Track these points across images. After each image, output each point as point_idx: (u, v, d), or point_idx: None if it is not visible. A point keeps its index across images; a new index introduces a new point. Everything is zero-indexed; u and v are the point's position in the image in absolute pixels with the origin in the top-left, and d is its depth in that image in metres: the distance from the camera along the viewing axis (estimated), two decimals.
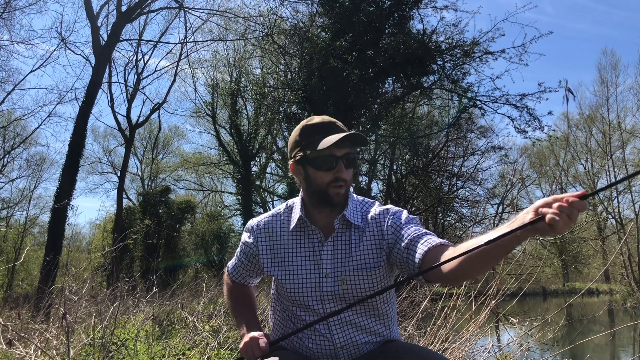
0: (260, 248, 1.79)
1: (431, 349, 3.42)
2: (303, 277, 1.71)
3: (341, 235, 1.71)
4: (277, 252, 1.76)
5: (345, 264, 1.68)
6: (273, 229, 1.79)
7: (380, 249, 1.68)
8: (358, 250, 1.68)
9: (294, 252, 1.74)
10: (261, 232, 1.80)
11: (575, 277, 35.43)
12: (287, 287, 1.72)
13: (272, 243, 1.77)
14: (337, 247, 1.70)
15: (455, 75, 14.48)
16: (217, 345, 3.59)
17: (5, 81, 18.55)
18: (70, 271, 6.15)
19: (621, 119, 28.70)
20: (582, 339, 3.71)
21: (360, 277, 1.67)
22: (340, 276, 1.67)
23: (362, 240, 1.69)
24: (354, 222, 1.70)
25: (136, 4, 14.96)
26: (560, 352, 3.53)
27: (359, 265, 1.67)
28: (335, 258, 1.69)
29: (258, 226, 1.81)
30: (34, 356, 3.14)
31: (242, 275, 1.90)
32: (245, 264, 1.86)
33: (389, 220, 1.69)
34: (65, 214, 12.63)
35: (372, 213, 1.74)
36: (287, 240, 1.76)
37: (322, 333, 1.69)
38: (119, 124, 19.54)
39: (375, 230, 1.70)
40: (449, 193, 23.34)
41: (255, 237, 1.80)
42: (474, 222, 16.95)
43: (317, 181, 1.67)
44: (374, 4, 13.61)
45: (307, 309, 1.70)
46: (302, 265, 1.72)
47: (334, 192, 1.65)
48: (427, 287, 5.01)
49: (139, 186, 31.84)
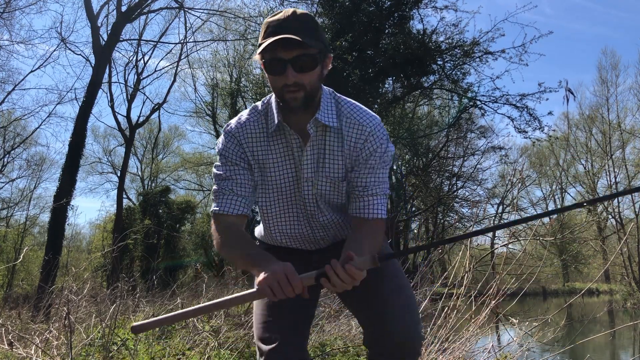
0: (247, 153, 1.68)
1: (430, 349, 3.42)
2: (280, 181, 1.68)
3: (319, 139, 1.65)
4: (259, 156, 1.68)
5: (321, 169, 1.66)
6: (254, 131, 1.69)
7: (345, 165, 1.67)
8: (333, 156, 1.65)
9: (274, 156, 1.67)
10: (244, 136, 1.69)
11: (576, 277, 35.42)
12: (268, 192, 1.70)
13: (255, 146, 1.68)
14: (315, 150, 1.66)
15: (455, 75, 14.48)
16: (217, 345, 3.59)
17: (5, 81, 18.55)
18: (70, 271, 6.15)
19: (621, 119, 28.70)
20: (582, 339, 3.70)
21: (330, 186, 1.68)
22: (318, 180, 1.67)
23: (338, 146, 1.65)
24: (328, 124, 1.62)
25: (136, 4, 14.96)
26: (560, 352, 3.53)
27: (330, 174, 1.67)
28: (314, 162, 1.66)
29: (240, 129, 1.69)
30: (34, 356, 3.15)
31: (241, 196, 1.66)
32: (241, 175, 1.66)
33: (365, 149, 1.64)
34: (65, 214, 12.64)
35: (351, 117, 1.65)
36: (266, 143, 1.67)
37: (305, 233, 1.76)
38: (119, 124, 19.55)
39: (352, 140, 1.64)
40: (449, 193, 23.34)
41: (238, 142, 1.68)
42: (474, 222, 16.93)
43: (272, 85, 1.58)
44: (374, 4, 13.61)
45: (289, 212, 1.73)
46: (282, 170, 1.68)
47: (289, 97, 1.54)
48: None
49: (139, 186, 31.83)
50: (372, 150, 1.64)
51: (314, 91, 1.58)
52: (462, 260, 4.07)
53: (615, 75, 29.45)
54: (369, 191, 1.65)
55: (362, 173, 1.64)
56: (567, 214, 33.46)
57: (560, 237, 23.82)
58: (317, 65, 1.55)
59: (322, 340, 3.99)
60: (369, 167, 1.64)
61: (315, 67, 1.55)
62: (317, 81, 1.57)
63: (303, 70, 1.52)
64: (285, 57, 1.50)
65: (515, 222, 1.37)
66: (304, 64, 1.52)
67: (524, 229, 20.65)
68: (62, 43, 16.59)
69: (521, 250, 5.40)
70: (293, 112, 1.58)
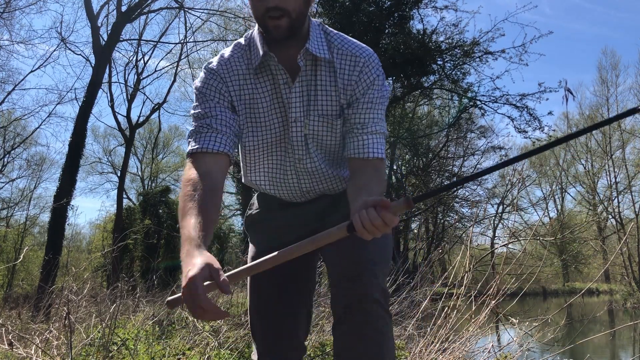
0: (231, 91, 1.51)
1: (430, 349, 3.42)
2: (267, 121, 1.53)
3: (310, 74, 1.50)
4: (246, 95, 1.52)
5: (313, 107, 1.51)
6: (239, 67, 1.52)
7: (339, 101, 1.51)
8: (325, 92, 1.50)
9: (261, 95, 1.52)
10: (229, 73, 1.51)
11: (576, 277, 35.42)
12: (255, 134, 1.54)
13: (241, 84, 1.52)
14: (304, 87, 1.50)
15: (455, 75, 14.49)
16: (217, 345, 3.60)
17: (5, 81, 18.54)
18: (70, 271, 6.16)
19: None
20: (582, 339, 3.71)
21: (323, 124, 1.52)
22: (309, 120, 1.51)
23: (330, 80, 1.50)
24: (319, 55, 1.47)
25: (136, 4, 14.96)
26: (560, 352, 3.53)
27: (323, 111, 1.51)
28: (303, 100, 1.51)
29: (223, 66, 1.52)
30: (34, 356, 3.15)
31: (222, 133, 1.46)
32: (222, 112, 1.48)
33: (360, 82, 1.49)
34: (65, 214, 12.63)
35: (342, 48, 1.51)
36: (252, 81, 1.51)
37: (290, 182, 1.61)
38: (119, 124, 19.54)
39: (346, 72, 1.50)
40: (449, 193, 23.33)
41: (222, 80, 1.50)
42: (474, 222, 16.95)
43: (253, 12, 1.43)
44: (374, 4, 13.61)
45: (274, 157, 1.57)
46: (265, 109, 1.52)
47: (272, 24, 1.39)
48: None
49: (139, 186, 31.84)
50: (369, 83, 1.50)
51: (300, 18, 1.42)
52: (462, 260, 4.07)
53: (615, 75, 29.53)
54: (368, 129, 1.50)
55: (360, 109, 1.49)
56: (567, 214, 33.49)
57: (560, 237, 23.83)
58: None
59: (322, 340, 3.99)
60: (367, 102, 1.49)
61: None
62: (303, 6, 1.41)
63: None
64: None
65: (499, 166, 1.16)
66: None
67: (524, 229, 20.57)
68: (62, 43, 16.61)
69: (521, 250, 5.40)
70: (279, 43, 1.44)
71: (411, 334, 4.17)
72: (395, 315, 4.87)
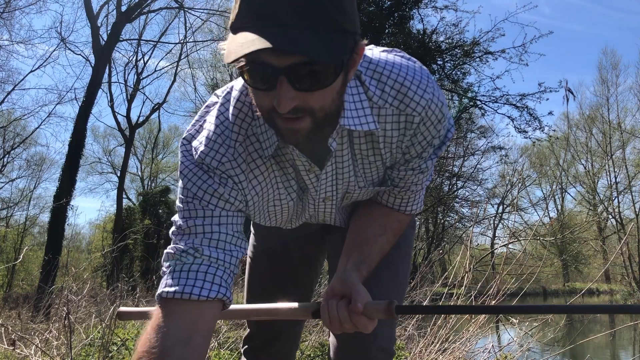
0: (247, 190, 1.09)
1: (430, 349, 3.42)
2: (286, 204, 1.18)
3: (345, 150, 1.09)
4: (253, 187, 1.11)
5: (347, 180, 1.16)
6: (248, 155, 1.08)
7: (384, 165, 1.16)
8: (365, 164, 1.13)
9: (271, 181, 1.13)
10: (234, 164, 1.07)
11: (576, 277, 35.41)
12: (262, 217, 1.21)
13: (249, 173, 1.09)
14: (338, 167, 1.12)
15: (456, 75, 14.49)
16: (217, 346, 3.59)
17: (5, 81, 18.52)
18: (70, 271, 6.15)
19: (621, 119, 28.70)
20: (582, 339, 3.71)
21: (362, 192, 1.20)
22: (338, 194, 1.20)
23: (371, 150, 1.11)
24: (361, 129, 1.04)
25: (136, 4, 14.96)
26: (560, 352, 3.53)
27: (362, 183, 1.17)
28: (335, 179, 1.15)
29: (229, 156, 1.06)
30: (34, 356, 3.15)
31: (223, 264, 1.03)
32: (229, 224, 1.05)
33: (415, 143, 1.10)
34: (65, 214, 12.63)
35: (391, 102, 1.05)
36: (261, 164, 1.10)
37: (306, 231, 1.39)
38: (118, 124, 19.55)
39: (394, 139, 1.09)
40: (449, 193, 23.34)
41: (228, 177, 1.07)
42: (474, 222, 16.96)
43: (255, 101, 0.95)
44: (374, 4, 13.61)
45: (291, 222, 1.29)
46: (284, 193, 1.15)
47: (284, 127, 0.91)
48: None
49: (139, 186, 31.82)
50: (429, 141, 1.11)
51: (332, 114, 0.95)
52: (462, 260, 4.07)
53: (616, 75, 29.49)
54: (413, 187, 1.20)
55: (409, 173, 1.16)
56: (568, 214, 33.50)
57: (560, 237, 23.84)
58: (335, 78, 0.89)
59: (322, 340, 3.99)
60: (419, 164, 1.15)
61: (331, 81, 0.88)
62: (336, 98, 0.94)
63: (308, 87, 0.87)
64: (276, 63, 0.84)
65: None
66: (310, 79, 0.86)
67: (524, 229, 20.62)
68: (62, 43, 16.61)
69: (521, 250, 5.40)
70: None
71: (411, 334, 4.17)
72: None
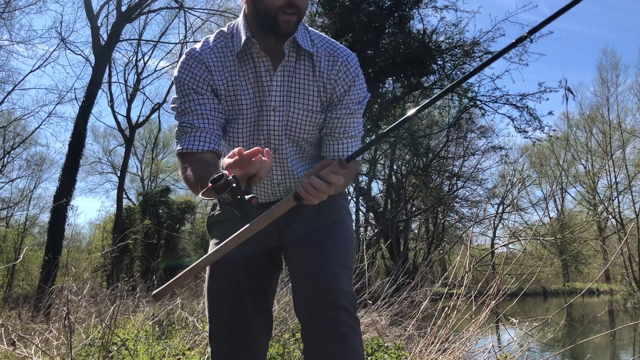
0: (216, 79, 1.49)
1: (430, 349, 3.42)
2: (248, 110, 1.51)
3: (291, 64, 1.51)
4: (230, 83, 1.51)
5: (294, 97, 1.51)
6: (223, 54, 1.51)
7: (320, 97, 1.53)
8: (307, 85, 1.51)
9: (239, 81, 1.50)
10: (214, 60, 1.50)
11: (576, 277, 35.42)
12: (237, 124, 1.52)
13: (226, 72, 1.50)
14: (285, 76, 1.51)
15: (456, 75, 14.48)
16: None
17: (5, 81, 18.49)
18: (70, 271, 6.16)
19: (621, 119, 28.71)
20: (582, 339, 3.71)
21: (305, 117, 1.53)
22: (289, 111, 1.51)
23: (311, 73, 1.51)
24: (304, 47, 1.50)
25: (136, 4, 14.96)
26: (560, 352, 3.53)
27: (305, 104, 1.52)
28: (283, 89, 1.51)
29: (208, 52, 1.50)
30: (34, 356, 3.15)
31: (207, 130, 1.46)
32: (207, 105, 1.47)
33: (339, 83, 1.52)
34: (65, 214, 12.63)
35: (323, 45, 1.54)
36: (235, 68, 1.50)
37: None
38: (119, 124, 19.54)
39: (325, 69, 1.51)
40: (449, 193, 23.34)
41: (207, 67, 1.48)
42: (474, 222, 16.96)
43: (266, 2, 1.42)
44: (374, 4, 13.61)
45: (251, 145, 1.53)
46: (247, 97, 1.51)
47: (283, 19, 1.41)
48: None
49: (139, 186, 31.84)
50: (349, 83, 1.53)
51: (299, 22, 1.46)
52: (462, 260, 4.07)
53: (616, 75, 29.48)
54: (348, 133, 1.55)
55: (340, 113, 1.53)
56: (568, 214, 33.49)
57: (560, 237, 23.83)
58: None
59: None
60: (347, 106, 1.53)
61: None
62: (307, 8, 1.48)
63: None
64: None
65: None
66: None
67: (524, 229, 20.53)
68: (62, 43, 16.60)
69: (521, 250, 5.41)
70: (263, 35, 1.48)
71: (411, 334, 4.17)
72: (395, 315, 4.87)
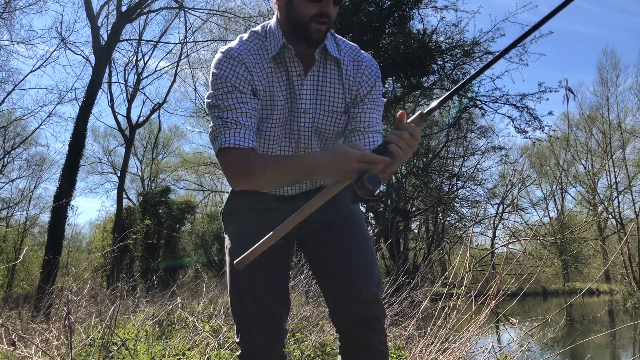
0: (256, 80, 1.56)
1: (430, 349, 3.42)
2: (281, 111, 1.60)
3: (321, 69, 1.62)
4: (266, 83, 1.58)
5: (321, 101, 1.62)
6: (259, 55, 1.59)
7: (345, 99, 1.64)
8: (334, 89, 1.63)
9: (274, 83, 1.58)
10: (251, 59, 1.57)
11: (576, 277, 35.41)
12: (270, 123, 1.60)
13: (262, 71, 1.58)
14: (315, 81, 1.62)
15: (456, 75, 14.46)
16: (217, 346, 3.59)
17: (5, 81, 18.47)
18: (70, 271, 6.16)
19: (621, 119, 28.70)
20: (582, 339, 3.71)
21: (331, 119, 1.64)
22: (317, 113, 1.62)
23: (337, 78, 1.63)
24: (332, 54, 1.61)
25: (136, 4, 14.95)
26: (560, 352, 3.53)
27: (331, 107, 1.63)
28: (313, 93, 1.62)
29: (246, 51, 1.57)
30: (34, 356, 3.15)
31: (250, 129, 1.52)
32: (248, 103, 1.53)
33: (363, 84, 1.64)
34: (65, 214, 12.62)
35: (348, 51, 1.66)
36: (270, 68, 1.58)
37: None
38: (119, 124, 19.53)
39: (351, 73, 1.64)
40: (449, 193, 23.33)
41: (247, 67, 1.55)
42: (474, 222, 16.94)
43: (299, 11, 1.50)
44: (374, 4, 13.61)
45: (282, 145, 1.64)
46: (281, 99, 1.59)
47: (315, 27, 1.50)
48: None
49: (139, 186, 31.83)
50: (372, 84, 1.65)
51: (328, 31, 1.57)
52: (462, 260, 4.07)
53: (616, 75, 29.46)
54: (372, 128, 1.64)
55: (365, 109, 1.63)
56: (568, 214, 33.50)
57: (560, 237, 23.82)
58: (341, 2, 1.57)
59: (322, 340, 3.99)
60: (370, 103, 1.64)
61: (341, 4, 1.59)
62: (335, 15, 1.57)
63: (338, 3, 1.53)
64: None
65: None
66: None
67: (524, 229, 20.51)
68: (62, 43, 16.56)
69: (521, 250, 5.41)
70: (294, 42, 1.56)
71: (411, 334, 4.17)
72: (395, 315, 4.87)
